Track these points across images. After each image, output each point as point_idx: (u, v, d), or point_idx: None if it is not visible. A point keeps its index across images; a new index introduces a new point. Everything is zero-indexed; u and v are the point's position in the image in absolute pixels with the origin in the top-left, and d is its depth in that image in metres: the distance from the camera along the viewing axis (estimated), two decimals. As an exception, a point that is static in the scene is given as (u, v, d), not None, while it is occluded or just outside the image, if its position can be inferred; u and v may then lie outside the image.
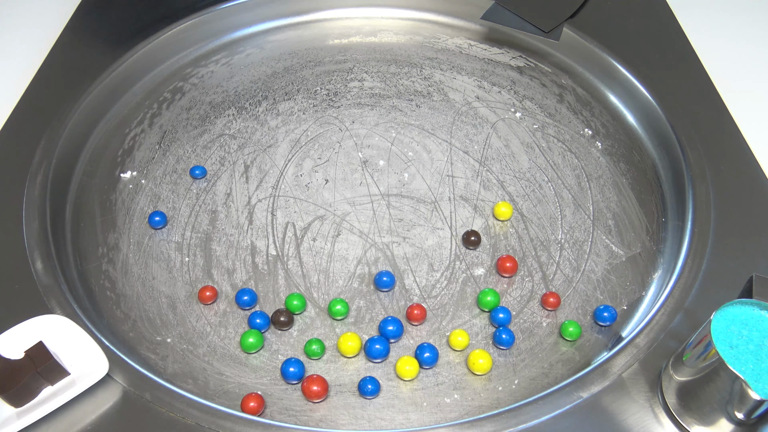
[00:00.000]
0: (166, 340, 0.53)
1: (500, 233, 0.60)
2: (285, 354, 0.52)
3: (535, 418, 0.45)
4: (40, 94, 0.68)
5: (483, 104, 0.72)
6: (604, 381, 0.47)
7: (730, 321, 0.40)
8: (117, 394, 0.46)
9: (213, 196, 0.63)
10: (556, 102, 0.72)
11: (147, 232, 0.60)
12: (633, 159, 0.66)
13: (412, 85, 0.74)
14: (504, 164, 0.66)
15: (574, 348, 0.52)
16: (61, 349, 0.47)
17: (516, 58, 0.77)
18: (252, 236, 0.60)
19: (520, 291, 0.56)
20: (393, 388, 0.50)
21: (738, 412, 0.40)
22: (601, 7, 0.79)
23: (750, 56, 0.74)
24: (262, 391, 0.49)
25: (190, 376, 0.50)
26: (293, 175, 0.65)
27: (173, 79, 0.74)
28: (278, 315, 0.53)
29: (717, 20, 0.79)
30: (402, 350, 0.52)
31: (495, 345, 0.52)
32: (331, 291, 0.56)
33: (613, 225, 0.61)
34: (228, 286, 0.56)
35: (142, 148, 0.67)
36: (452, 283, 0.56)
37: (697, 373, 0.41)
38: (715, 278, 0.52)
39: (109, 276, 0.57)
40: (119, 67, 0.70)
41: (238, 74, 0.75)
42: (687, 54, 0.73)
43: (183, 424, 0.45)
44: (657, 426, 0.45)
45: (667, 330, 0.49)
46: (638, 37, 0.75)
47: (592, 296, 0.56)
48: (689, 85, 0.69)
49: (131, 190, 0.64)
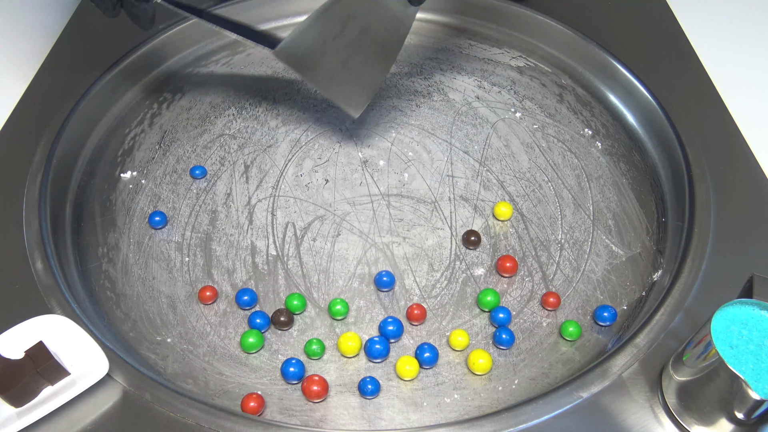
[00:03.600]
0: (166, 340, 0.53)
1: (500, 233, 0.60)
2: (285, 354, 0.52)
3: (535, 418, 0.45)
4: (40, 94, 0.68)
5: (483, 104, 0.72)
6: (604, 381, 0.47)
7: (730, 321, 0.40)
8: (117, 394, 0.46)
9: (213, 196, 0.63)
10: (556, 102, 0.72)
11: (147, 232, 0.60)
12: (633, 159, 0.66)
13: (412, 85, 0.74)
14: (504, 164, 0.66)
15: (574, 348, 0.52)
16: (61, 349, 0.47)
17: (516, 58, 0.77)
18: (252, 236, 0.60)
19: (520, 291, 0.56)
20: (393, 388, 0.50)
21: (738, 412, 0.40)
22: (601, 7, 0.79)
23: (750, 56, 0.74)
24: (262, 391, 0.49)
25: (190, 376, 0.50)
26: (293, 175, 0.65)
27: (173, 79, 0.74)
28: (278, 315, 0.53)
29: (717, 20, 0.79)
30: (402, 350, 0.52)
31: (495, 345, 0.52)
32: (331, 291, 0.56)
33: (613, 225, 0.61)
34: (228, 286, 0.56)
35: (142, 148, 0.67)
36: (452, 283, 0.56)
37: (697, 373, 0.41)
38: (715, 278, 0.52)
39: (109, 276, 0.57)
40: (119, 67, 0.70)
41: (238, 74, 0.75)
42: (687, 54, 0.73)
43: (183, 424, 0.45)
44: (657, 426, 0.45)
45: (667, 330, 0.49)
46: (638, 37, 0.75)
47: (592, 296, 0.56)
48: (689, 85, 0.69)
49: (131, 190, 0.64)
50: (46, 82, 0.69)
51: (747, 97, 0.68)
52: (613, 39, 0.73)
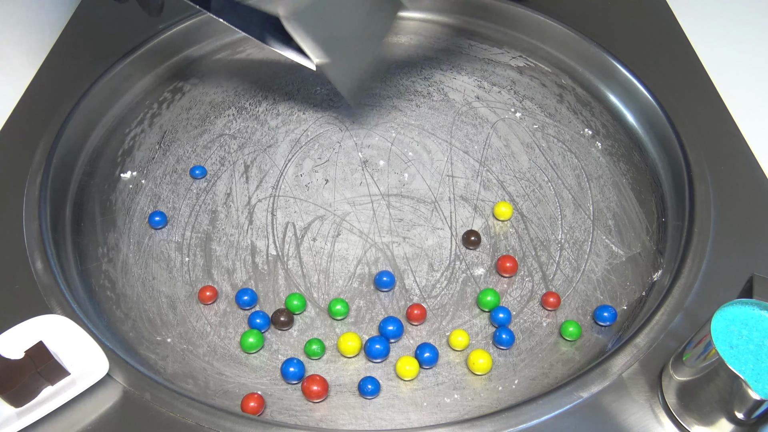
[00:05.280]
0: (166, 340, 0.53)
1: (500, 233, 0.60)
2: (285, 354, 0.52)
3: (535, 418, 0.45)
4: (40, 94, 0.68)
5: (483, 104, 0.72)
6: (604, 381, 0.47)
7: (730, 321, 0.40)
8: (117, 394, 0.46)
9: (213, 196, 0.63)
10: (556, 102, 0.72)
11: (147, 232, 0.60)
12: (633, 159, 0.66)
13: (412, 85, 0.74)
14: (504, 164, 0.66)
15: (574, 348, 0.52)
16: (61, 349, 0.47)
17: (516, 58, 0.77)
18: (252, 236, 0.60)
19: (520, 291, 0.56)
20: (393, 388, 0.50)
21: (738, 412, 0.40)
22: (601, 7, 0.79)
23: (750, 56, 0.74)
24: (262, 391, 0.49)
25: (190, 376, 0.50)
26: (293, 175, 0.65)
27: (173, 79, 0.74)
28: (278, 315, 0.53)
29: (717, 20, 0.79)
30: (402, 350, 0.52)
31: (495, 345, 0.52)
32: (331, 291, 0.56)
33: (613, 225, 0.61)
34: (228, 286, 0.56)
35: (142, 148, 0.67)
36: (452, 283, 0.56)
37: (697, 373, 0.41)
38: (715, 278, 0.52)
39: (109, 276, 0.57)
40: (119, 67, 0.70)
41: (238, 74, 0.75)
42: (687, 54, 0.73)
43: (183, 424, 0.45)
44: (657, 426, 0.45)
45: (667, 330, 0.49)
46: (638, 37, 0.75)
47: (592, 296, 0.56)
48: (689, 85, 0.69)
49: (131, 190, 0.64)
50: (46, 82, 0.69)
51: (747, 97, 0.68)
52: (613, 39, 0.73)
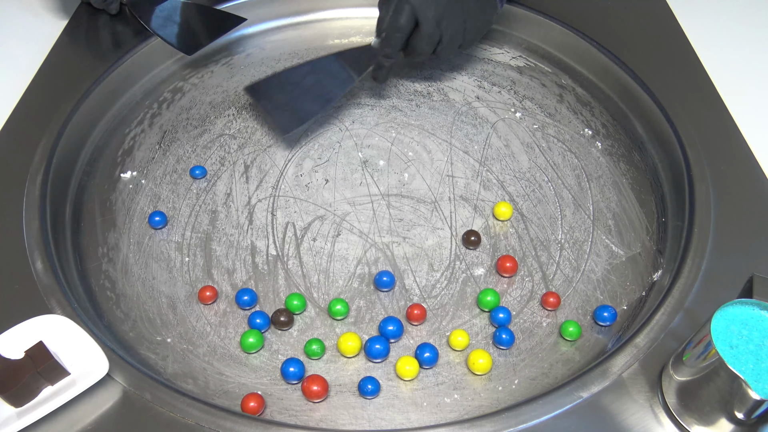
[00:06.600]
0: (166, 340, 0.53)
1: (500, 233, 0.60)
2: (285, 354, 0.52)
3: (535, 418, 0.45)
4: (40, 94, 0.68)
5: (483, 104, 0.72)
6: (604, 381, 0.47)
7: (730, 321, 0.40)
8: (117, 394, 0.46)
9: (213, 196, 0.63)
10: (556, 102, 0.72)
11: (147, 232, 0.60)
12: (633, 159, 0.66)
13: (412, 85, 0.74)
14: (504, 164, 0.66)
15: (574, 348, 0.52)
16: (61, 349, 0.47)
17: (516, 58, 0.77)
18: (252, 236, 0.60)
19: (520, 291, 0.56)
20: (393, 388, 0.50)
21: (738, 412, 0.40)
22: (601, 7, 0.79)
23: (750, 56, 0.74)
24: (262, 391, 0.49)
25: (190, 376, 0.50)
26: (293, 175, 0.65)
27: (173, 79, 0.74)
28: (278, 315, 0.53)
29: (717, 20, 0.79)
30: (402, 350, 0.52)
31: (495, 345, 0.52)
32: (331, 291, 0.56)
33: (613, 225, 0.61)
34: (228, 286, 0.56)
35: (142, 148, 0.67)
36: (452, 283, 0.56)
37: (697, 373, 0.41)
38: (715, 278, 0.52)
39: (109, 276, 0.57)
40: (119, 67, 0.70)
41: (238, 74, 0.75)
42: (687, 54, 0.73)
43: (183, 424, 0.45)
44: (657, 426, 0.45)
45: (667, 330, 0.49)
46: (638, 37, 0.75)
47: (592, 296, 0.56)
48: (689, 85, 0.69)
49: (131, 190, 0.64)
50: (46, 83, 0.69)
51: (747, 97, 0.68)
52: (613, 39, 0.73)
